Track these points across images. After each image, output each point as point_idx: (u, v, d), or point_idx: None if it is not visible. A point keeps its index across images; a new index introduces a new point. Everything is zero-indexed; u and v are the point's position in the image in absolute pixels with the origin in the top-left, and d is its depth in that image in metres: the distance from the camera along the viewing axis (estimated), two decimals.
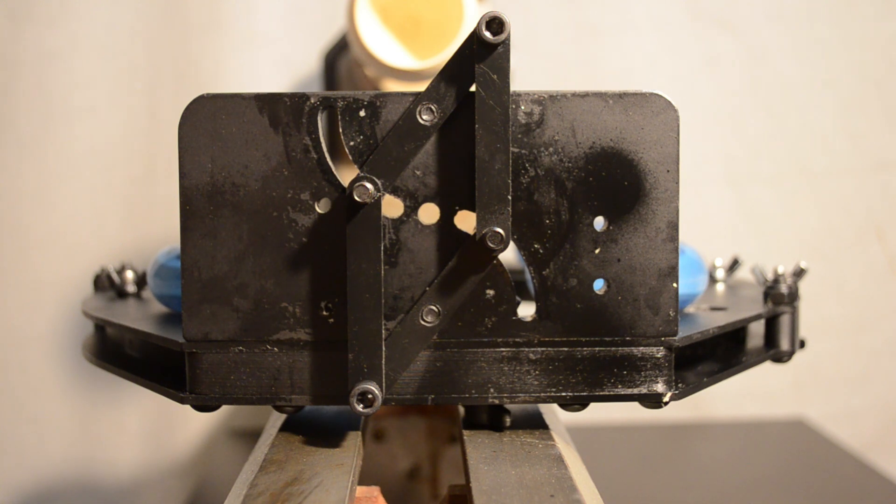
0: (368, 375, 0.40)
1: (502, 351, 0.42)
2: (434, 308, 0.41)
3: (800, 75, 0.96)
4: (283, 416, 0.46)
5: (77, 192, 0.92)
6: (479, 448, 0.41)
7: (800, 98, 0.97)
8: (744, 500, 0.76)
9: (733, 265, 0.61)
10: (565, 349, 0.42)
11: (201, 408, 0.43)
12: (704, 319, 0.48)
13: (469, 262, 0.41)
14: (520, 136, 0.41)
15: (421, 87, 0.41)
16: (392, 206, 0.41)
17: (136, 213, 0.92)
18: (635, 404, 0.43)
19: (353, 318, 0.40)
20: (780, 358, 0.51)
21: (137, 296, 0.57)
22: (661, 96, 0.41)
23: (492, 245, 0.40)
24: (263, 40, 0.92)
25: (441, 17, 0.55)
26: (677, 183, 0.41)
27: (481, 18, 0.38)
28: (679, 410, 0.95)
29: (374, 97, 0.40)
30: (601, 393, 0.42)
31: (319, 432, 0.44)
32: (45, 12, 0.89)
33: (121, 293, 0.57)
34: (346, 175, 0.41)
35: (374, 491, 0.42)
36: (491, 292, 0.41)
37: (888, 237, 0.98)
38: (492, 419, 0.44)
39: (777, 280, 0.51)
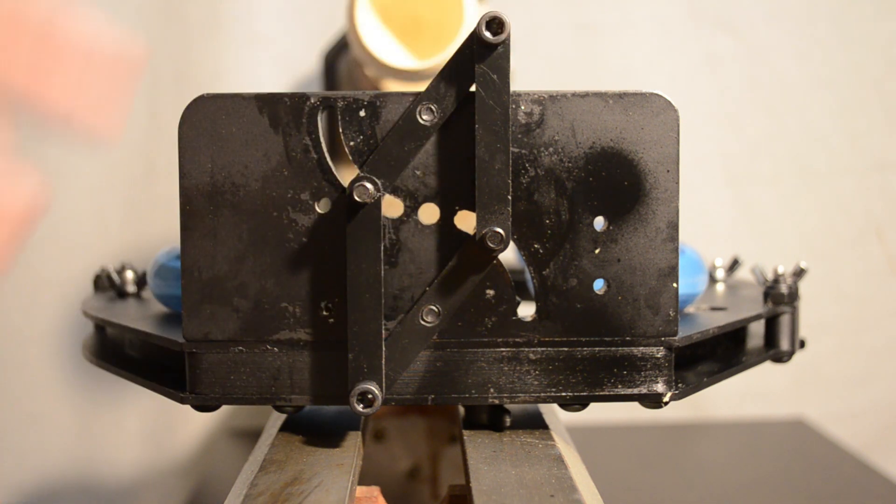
0: (368, 375, 0.40)
1: (502, 351, 0.42)
2: (434, 308, 0.41)
3: (800, 75, 0.96)
4: (283, 416, 0.46)
5: (77, 191, 0.92)
6: (479, 448, 0.41)
7: (800, 98, 0.97)
8: (744, 500, 0.76)
9: (733, 265, 0.61)
10: (565, 349, 0.42)
11: (201, 408, 0.43)
12: (704, 319, 0.48)
13: (469, 262, 0.41)
14: (520, 136, 0.41)
15: (421, 87, 0.41)
16: (392, 206, 0.41)
17: (136, 213, 0.92)
18: (635, 404, 0.43)
19: (353, 318, 0.40)
20: (780, 358, 0.51)
21: (137, 296, 0.57)
22: (661, 96, 0.41)
23: (492, 245, 0.40)
24: (263, 40, 0.92)
25: (441, 17, 0.55)
26: (677, 183, 0.41)
27: (481, 18, 0.38)
28: (679, 410, 0.95)
29: (374, 97, 0.40)
30: (601, 393, 0.42)
31: (319, 432, 0.44)
32: None
33: (121, 293, 0.57)
34: (346, 175, 0.41)
35: (374, 491, 0.42)
36: (491, 292, 0.41)
37: (888, 237, 0.98)
38: (492, 419, 0.44)
39: (777, 280, 0.51)
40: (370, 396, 0.40)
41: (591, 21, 0.95)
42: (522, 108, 0.41)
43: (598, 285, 0.41)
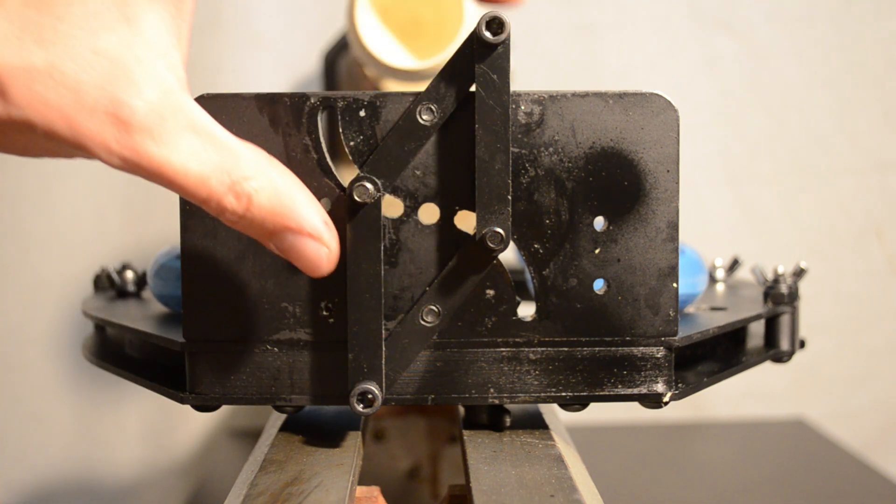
0: (368, 375, 0.40)
1: (502, 351, 0.42)
2: (434, 308, 0.41)
3: (799, 75, 0.96)
4: (283, 416, 0.46)
5: (77, 191, 0.92)
6: (479, 448, 0.41)
7: (800, 98, 0.97)
8: (744, 500, 0.76)
9: (733, 265, 0.61)
10: (565, 349, 0.42)
11: (201, 408, 0.43)
12: (704, 319, 0.48)
13: (469, 262, 0.41)
14: (520, 136, 0.41)
15: (421, 87, 0.40)
16: (392, 206, 0.41)
17: (136, 213, 0.92)
18: (635, 404, 0.43)
19: (353, 318, 0.40)
20: (780, 358, 0.51)
21: (137, 296, 0.57)
22: (661, 96, 0.41)
23: (492, 245, 0.40)
24: (263, 40, 0.92)
25: (441, 17, 0.55)
26: (677, 183, 0.41)
27: (481, 18, 0.38)
28: (679, 410, 0.95)
29: (374, 97, 0.40)
30: (601, 393, 0.42)
31: (319, 432, 0.44)
32: None
33: (121, 293, 0.57)
34: (346, 175, 0.41)
35: (374, 491, 0.42)
36: (491, 292, 0.41)
37: (887, 237, 0.98)
38: (492, 419, 0.44)
39: (777, 280, 0.51)
40: (370, 396, 0.40)
41: (591, 21, 0.95)
42: (522, 108, 0.41)
43: (598, 285, 0.41)
